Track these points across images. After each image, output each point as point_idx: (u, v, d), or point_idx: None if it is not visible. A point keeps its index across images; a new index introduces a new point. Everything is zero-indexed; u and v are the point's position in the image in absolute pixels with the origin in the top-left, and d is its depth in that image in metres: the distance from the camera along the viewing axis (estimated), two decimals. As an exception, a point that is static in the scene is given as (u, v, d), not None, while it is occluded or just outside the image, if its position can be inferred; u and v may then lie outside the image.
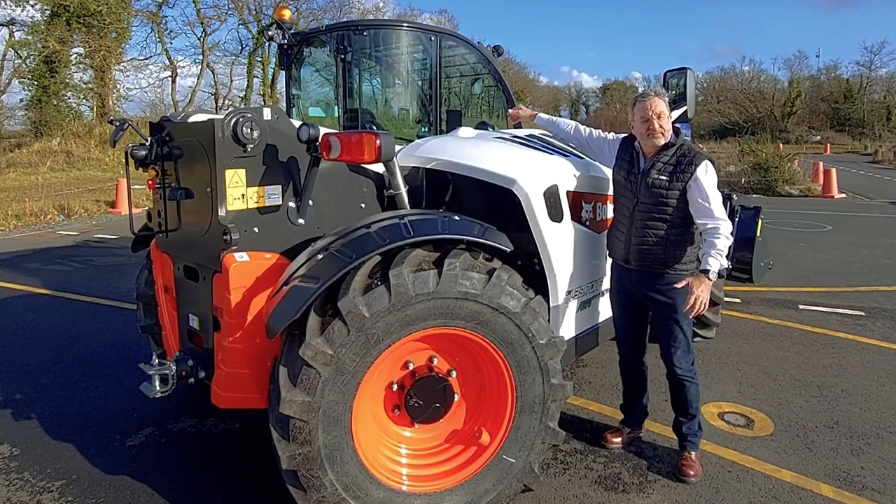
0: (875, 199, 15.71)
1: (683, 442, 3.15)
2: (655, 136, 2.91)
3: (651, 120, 2.89)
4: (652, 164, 2.95)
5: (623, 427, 3.40)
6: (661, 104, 2.91)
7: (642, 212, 2.97)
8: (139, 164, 3.01)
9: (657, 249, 2.95)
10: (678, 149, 2.93)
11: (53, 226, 11.42)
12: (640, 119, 2.95)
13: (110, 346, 4.87)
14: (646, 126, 2.91)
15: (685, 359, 3.06)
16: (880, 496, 2.91)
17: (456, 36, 4.21)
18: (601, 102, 67.52)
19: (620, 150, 3.18)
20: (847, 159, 32.67)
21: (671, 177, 2.89)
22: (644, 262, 3.00)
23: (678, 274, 2.94)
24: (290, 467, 2.27)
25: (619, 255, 3.13)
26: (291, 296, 2.28)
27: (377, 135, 2.54)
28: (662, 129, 2.91)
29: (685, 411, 3.12)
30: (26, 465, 3.17)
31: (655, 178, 2.92)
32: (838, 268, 7.73)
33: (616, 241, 3.14)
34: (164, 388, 2.64)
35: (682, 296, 2.87)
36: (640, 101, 2.96)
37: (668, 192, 2.90)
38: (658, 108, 2.89)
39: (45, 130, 24.32)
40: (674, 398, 3.16)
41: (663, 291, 2.99)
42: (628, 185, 3.06)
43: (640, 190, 2.97)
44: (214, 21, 31.96)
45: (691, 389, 3.08)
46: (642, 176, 2.97)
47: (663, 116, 2.90)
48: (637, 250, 3.00)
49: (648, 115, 2.90)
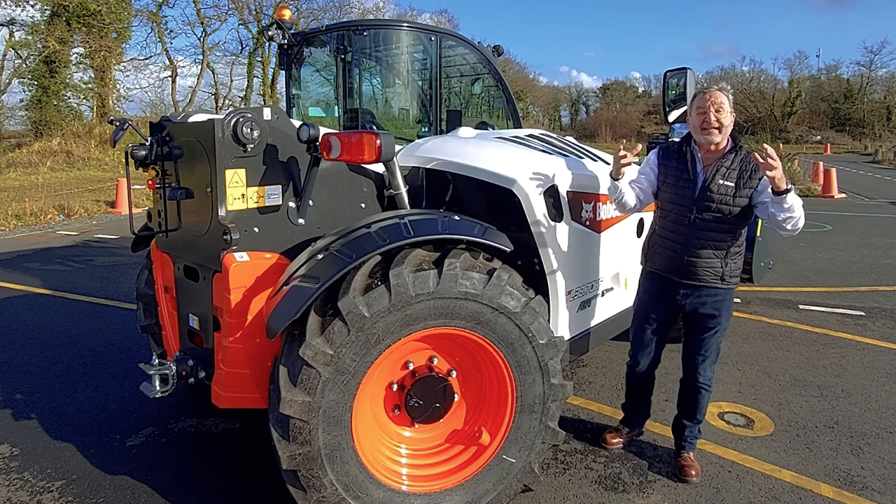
0: (875, 198, 15.72)
1: (682, 442, 3.13)
2: (710, 129, 2.73)
3: (708, 112, 2.72)
4: (716, 169, 2.76)
5: (623, 427, 3.36)
6: (722, 97, 2.74)
7: (706, 221, 2.77)
8: (139, 164, 3.00)
9: (717, 262, 2.80)
10: (738, 153, 2.78)
11: (53, 226, 11.42)
12: (696, 110, 2.78)
13: (110, 346, 4.87)
14: (701, 118, 2.75)
15: (710, 369, 2.99)
16: (880, 496, 2.91)
17: (456, 36, 4.21)
18: (601, 102, 67.47)
19: (662, 158, 2.99)
20: (847, 159, 32.67)
21: (738, 182, 2.72)
22: (701, 276, 2.82)
23: (730, 288, 2.85)
24: (291, 467, 2.27)
25: (667, 267, 2.93)
26: (291, 296, 2.28)
27: (377, 135, 2.54)
28: (720, 124, 2.73)
29: (693, 416, 3.07)
30: (26, 465, 3.17)
31: (721, 183, 2.73)
32: (838, 268, 7.73)
33: (665, 253, 2.93)
34: (164, 388, 2.64)
35: (728, 311, 2.88)
36: (702, 92, 2.79)
37: (734, 199, 2.73)
38: (718, 100, 2.73)
39: (45, 130, 24.33)
40: (684, 403, 3.09)
41: (714, 305, 2.86)
42: (683, 192, 2.83)
43: (702, 197, 2.77)
44: (214, 21, 32.01)
45: (706, 397, 3.03)
46: (704, 182, 2.77)
47: (722, 111, 2.73)
48: (695, 263, 2.82)
49: (706, 105, 2.73)
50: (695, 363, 2.98)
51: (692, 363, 2.99)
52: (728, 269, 2.81)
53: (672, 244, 2.88)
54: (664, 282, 2.97)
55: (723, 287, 2.84)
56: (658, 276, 3.01)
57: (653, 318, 3.07)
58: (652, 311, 3.07)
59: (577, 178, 3.29)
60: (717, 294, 2.85)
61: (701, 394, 3.01)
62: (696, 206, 2.78)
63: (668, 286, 2.95)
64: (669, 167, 2.92)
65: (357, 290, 2.26)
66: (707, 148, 2.81)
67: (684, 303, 2.91)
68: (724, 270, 2.81)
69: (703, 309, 2.87)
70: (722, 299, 2.86)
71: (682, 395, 3.10)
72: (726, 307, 2.88)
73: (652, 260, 3.03)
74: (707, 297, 2.86)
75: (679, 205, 2.85)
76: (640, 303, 3.15)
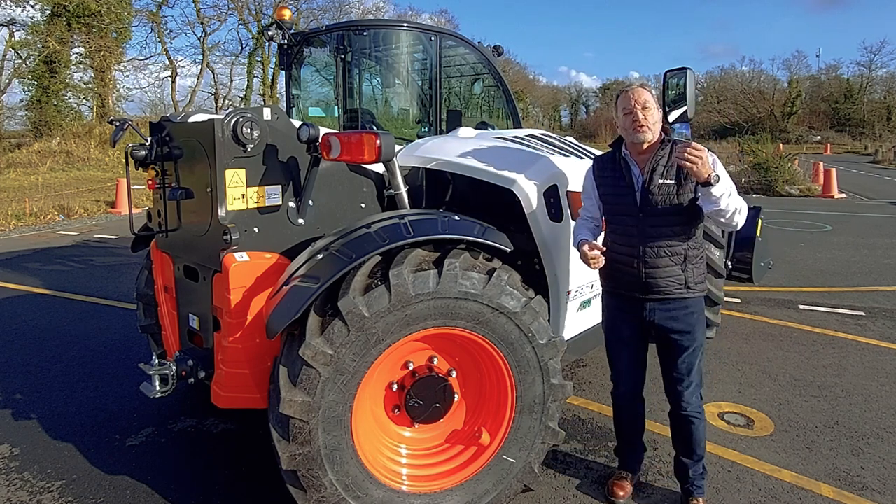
0: (875, 198, 15.71)
1: (688, 487, 2.80)
2: (640, 129, 2.52)
3: (635, 111, 2.52)
4: (652, 167, 2.55)
5: (627, 473, 2.98)
6: (646, 94, 2.55)
7: (654, 226, 2.55)
8: (139, 164, 3.01)
9: (676, 269, 2.56)
10: (673, 146, 2.56)
11: (53, 226, 11.42)
12: (623, 111, 2.58)
13: (110, 346, 4.87)
14: (629, 118, 2.54)
15: (696, 395, 2.71)
16: (880, 496, 2.91)
17: (456, 36, 4.22)
18: (601, 102, 67.47)
19: (597, 169, 2.79)
20: (847, 159, 32.67)
21: (678, 177, 2.51)
22: (664, 288, 2.58)
23: (698, 297, 2.63)
24: (290, 467, 2.27)
25: (627, 284, 2.67)
26: (291, 296, 2.28)
27: (377, 135, 2.54)
28: (648, 122, 2.52)
29: (691, 452, 2.77)
30: (26, 465, 3.17)
31: (661, 182, 2.53)
32: (838, 268, 7.73)
33: (621, 270, 2.67)
34: (164, 388, 2.64)
35: (701, 324, 2.63)
36: (624, 92, 2.61)
37: (678, 197, 2.52)
38: (643, 98, 2.53)
39: (45, 130, 24.33)
40: (678, 438, 2.80)
41: (683, 318, 2.62)
42: (625, 200, 2.63)
43: (644, 201, 2.56)
44: (214, 21, 32.04)
45: (699, 428, 2.73)
46: (643, 185, 2.57)
47: (649, 107, 2.53)
48: (654, 275, 2.58)
49: (631, 105, 2.54)
50: (677, 391, 2.71)
51: (675, 392, 2.73)
52: (691, 276, 2.58)
53: (626, 258, 2.63)
54: (626, 301, 2.71)
55: (690, 296, 2.60)
56: (618, 296, 2.76)
57: (624, 340, 2.80)
58: (621, 333, 2.80)
59: (577, 178, 3.28)
60: (687, 306, 2.61)
61: (693, 424, 2.72)
62: (641, 211, 2.57)
63: (632, 306, 2.69)
64: (605, 178, 2.72)
65: (357, 290, 2.26)
66: (639, 148, 2.60)
67: (652, 319, 2.65)
68: (686, 277, 2.57)
69: (674, 325, 2.62)
70: (692, 311, 2.62)
71: (674, 431, 2.83)
72: (697, 319, 2.64)
73: (609, 279, 2.78)
74: (675, 311, 2.61)
75: (624, 215, 2.64)
76: (607, 327, 2.90)
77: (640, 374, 2.89)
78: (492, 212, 3.06)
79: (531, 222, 2.96)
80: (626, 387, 2.90)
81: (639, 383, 2.90)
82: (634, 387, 2.90)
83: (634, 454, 3.01)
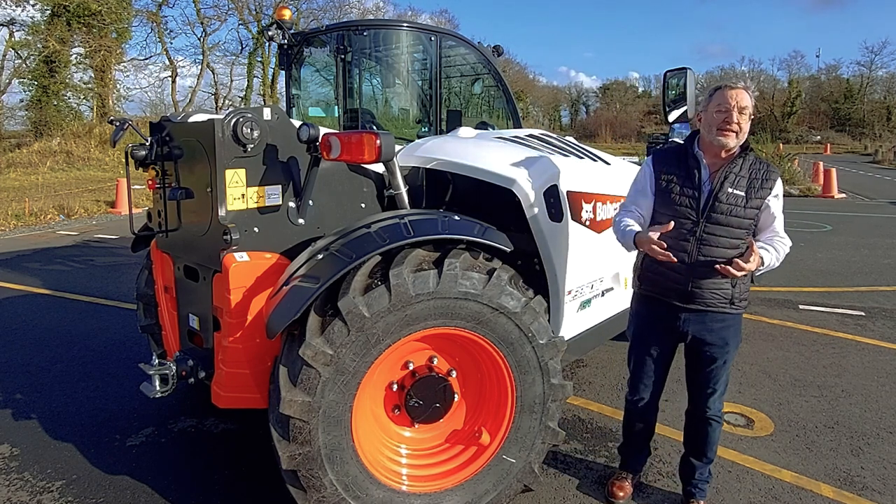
0: (875, 199, 15.72)
1: (691, 489, 2.78)
2: (729, 133, 2.37)
3: (731, 112, 2.35)
4: (724, 175, 2.41)
5: (627, 473, 2.96)
6: (747, 98, 2.38)
7: (713, 234, 2.41)
8: (139, 164, 3.01)
9: (726, 284, 2.45)
10: (747, 158, 2.44)
11: (53, 226, 11.42)
12: (716, 108, 2.39)
13: (110, 346, 4.87)
14: (723, 117, 2.37)
15: (720, 400, 2.66)
16: (880, 496, 2.91)
17: (456, 36, 4.21)
18: (601, 102, 67.48)
19: (659, 162, 2.59)
20: (847, 159, 32.68)
21: (748, 191, 2.40)
22: (707, 300, 2.47)
23: (739, 313, 2.52)
24: (290, 467, 2.27)
25: (667, 291, 2.55)
26: (291, 296, 2.28)
27: (377, 135, 2.54)
28: (739, 128, 2.37)
29: (703, 454, 2.73)
30: (26, 465, 3.17)
31: (731, 192, 2.39)
32: (838, 268, 7.73)
33: (665, 274, 2.52)
34: (164, 388, 2.64)
35: (737, 338, 2.57)
36: (725, 87, 2.40)
37: (745, 210, 2.40)
38: (744, 101, 2.36)
39: (45, 130, 24.33)
40: (692, 438, 2.76)
41: (720, 333, 2.52)
42: (687, 203, 2.45)
43: (710, 208, 2.41)
44: (214, 21, 32.04)
45: (716, 431, 2.70)
46: (711, 191, 2.42)
47: (745, 113, 2.37)
48: (701, 285, 2.45)
49: (730, 104, 2.35)
50: (704, 396, 2.64)
51: (701, 397, 2.65)
52: (738, 291, 2.48)
53: (674, 265, 2.45)
54: (662, 307, 2.59)
55: (731, 312, 2.50)
56: (655, 300, 2.63)
57: (652, 347, 2.69)
58: (650, 340, 2.70)
59: (577, 178, 3.28)
60: (725, 320, 2.51)
61: (711, 426, 2.67)
62: (703, 218, 2.42)
63: (666, 311, 2.58)
64: (671, 174, 2.54)
65: (357, 290, 2.26)
66: (716, 151, 2.45)
67: (686, 329, 2.55)
68: (733, 293, 2.46)
69: (709, 337, 2.52)
70: (730, 325, 2.52)
71: (688, 430, 2.77)
72: (734, 333, 2.54)
73: (648, 283, 2.65)
74: (713, 324, 2.51)
75: (682, 218, 2.45)
76: (636, 331, 2.78)
77: (659, 386, 2.80)
78: (492, 212, 3.06)
79: (531, 222, 2.96)
80: (643, 396, 2.80)
81: (656, 394, 2.81)
82: (652, 397, 2.81)
83: (638, 456, 2.99)
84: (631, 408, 2.88)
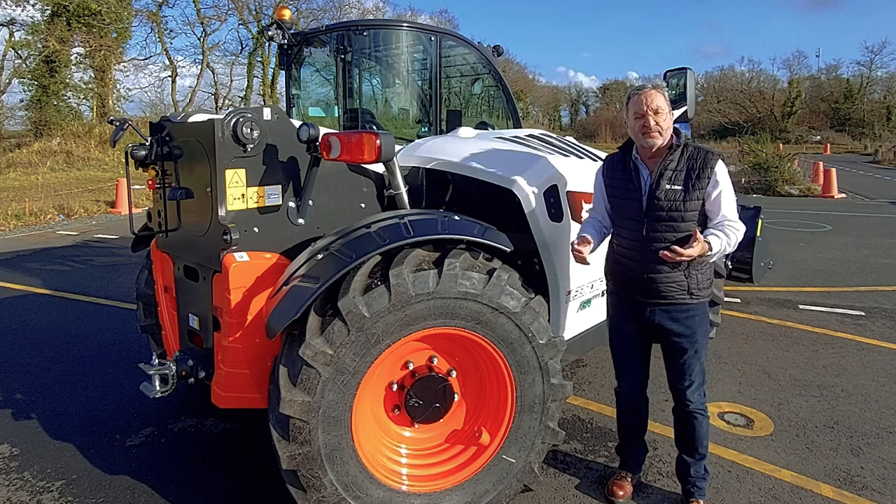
0: (875, 198, 15.71)
1: (689, 488, 2.79)
2: (651, 134, 2.48)
3: (646, 116, 2.47)
4: (660, 172, 2.51)
5: (626, 473, 2.97)
6: (660, 98, 2.49)
7: (658, 231, 2.52)
8: (139, 164, 3.01)
9: (679, 276, 2.53)
10: (684, 150, 2.53)
11: (53, 226, 11.42)
12: (633, 115, 2.53)
13: (110, 346, 4.87)
14: (640, 123, 2.49)
15: (699, 392, 2.71)
16: (880, 496, 2.91)
17: (456, 36, 4.22)
18: (601, 102, 67.49)
19: (607, 170, 2.75)
20: (847, 159, 32.65)
21: (686, 184, 2.47)
22: (665, 293, 2.56)
23: (700, 302, 2.60)
24: (290, 467, 2.27)
25: (629, 286, 2.68)
26: (291, 296, 2.28)
27: (377, 135, 2.54)
28: (660, 128, 2.48)
29: (693, 450, 2.76)
30: (26, 465, 3.17)
31: (668, 188, 2.49)
32: (838, 268, 7.73)
33: (624, 272, 2.68)
34: (164, 388, 2.64)
35: (703, 327, 2.63)
36: (635, 94, 2.54)
37: (685, 204, 2.47)
38: (655, 103, 2.47)
39: (45, 130, 24.32)
40: (680, 435, 2.81)
41: (684, 321, 2.60)
42: (631, 205, 2.60)
43: (650, 206, 2.53)
44: (214, 21, 32.04)
45: (703, 424, 2.72)
46: (650, 190, 2.54)
47: (661, 112, 2.48)
48: (655, 279, 2.55)
49: (643, 109, 2.48)
50: (681, 389, 2.71)
51: (678, 389, 2.73)
52: (695, 282, 2.55)
53: (629, 262, 2.63)
54: (629, 303, 2.71)
55: (692, 302, 2.58)
56: (621, 296, 2.77)
57: (627, 337, 2.82)
58: (624, 332, 2.82)
59: (577, 178, 3.28)
60: (689, 310, 2.59)
61: (696, 420, 2.72)
62: (646, 217, 2.54)
63: (634, 307, 2.70)
64: (615, 180, 2.69)
65: (357, 290, 2.26)
66: (648, 152, 2.56)
67: (653, 321, 2.64)
68: (689, 283, 2.55)
69: (675, 328, 2.61)
70: (693, 315, 2.60)
71: (676, 427, 2.83)
72: (700, 323, 2.62)
73: (613, 279, 2.80)
74: (677, 314, 2.60)
75: (629, 219, 2.61)
76: (611, 326, 2.91)
77: (642, 372, 2.88)
78: (492, 212, 3.06)
79: (531, 222, 2.96)
80: (628, 384, 2.90)
81: (641, 381, 2.89)
82: (637, 384, 2.89)
83: (636, 454, 3.00)
84: (619, 400, 2.98)
